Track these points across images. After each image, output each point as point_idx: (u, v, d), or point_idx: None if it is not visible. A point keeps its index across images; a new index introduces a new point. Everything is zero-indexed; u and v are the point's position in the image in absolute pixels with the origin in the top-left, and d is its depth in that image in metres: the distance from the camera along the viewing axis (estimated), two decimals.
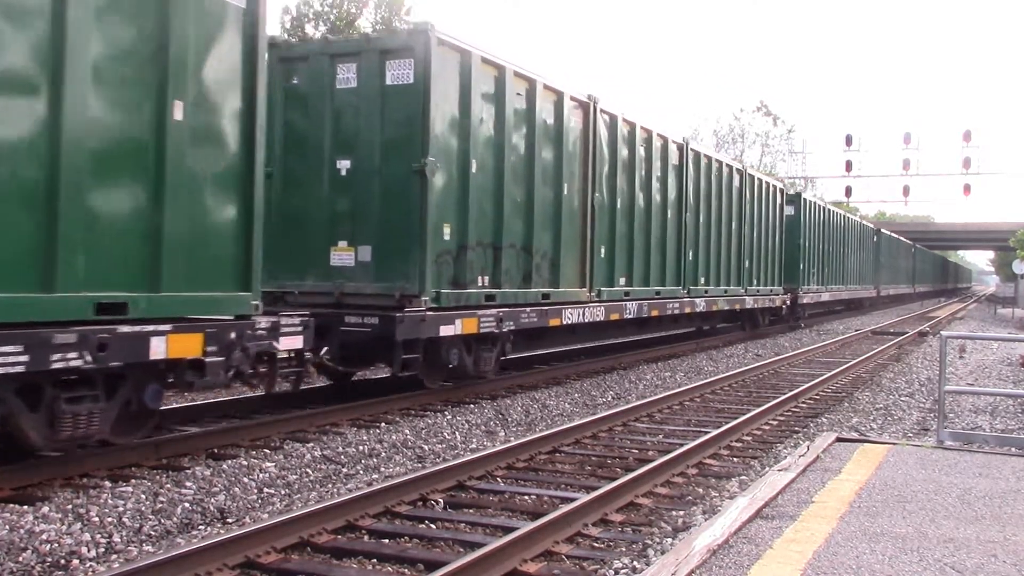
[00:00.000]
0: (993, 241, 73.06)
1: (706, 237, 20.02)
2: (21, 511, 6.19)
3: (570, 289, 13.90)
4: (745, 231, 22.95)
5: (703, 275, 19.85)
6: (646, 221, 16.65)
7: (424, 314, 10.36)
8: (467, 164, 11.32)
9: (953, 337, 10.90)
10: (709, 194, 20.26)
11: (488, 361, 11.99)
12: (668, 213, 17.72)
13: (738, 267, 22.41)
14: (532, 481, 7.92)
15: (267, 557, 5.58)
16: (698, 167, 19.49)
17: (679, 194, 18.45)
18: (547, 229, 13.33)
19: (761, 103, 67.99)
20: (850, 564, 4.99)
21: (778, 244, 26.29)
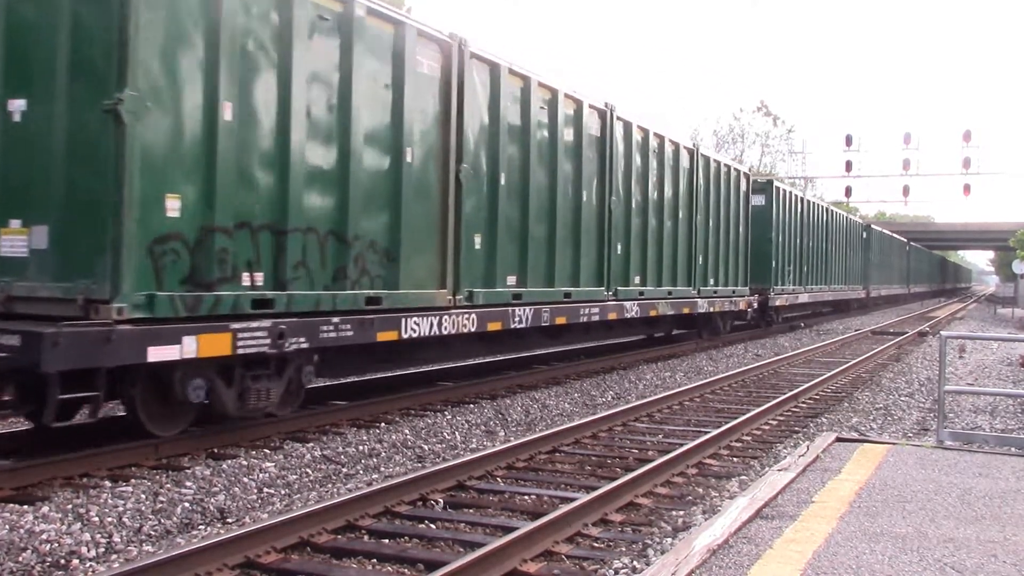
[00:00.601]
0: (993, 241, 73.07)
1: (642, 228, 16.48)
2: (21, 511, 6.19)
3: (421, 291, 10.54)
4: (698, 221, 19.11)
5: (637, 274, 16.30)
6: (549, 204, 13.21)
7: (112, 330, 6.93)
8: (215, 104, 7.84)
9: (953, 337, 10.90)
10: (646, 176, 16.65)
11: (266, 395, 8.66)
12: (585, 196, 14.14)
13: (688, 264, 18.82)
14: (532, 481, 7.92)
15: (267, 557, 5.58)
16: (629, 142, 15.82)
17: (602, 174, 14.89)
18: (384, 208, 9.96)
19: (761, 103, 68.14)
20: (850, 564, 4.99)
21: (743, 238, 22.67)
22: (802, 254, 29.35)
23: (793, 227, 27.90)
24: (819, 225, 32.30)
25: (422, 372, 13.66)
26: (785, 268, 26.97)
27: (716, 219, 20.43)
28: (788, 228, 27.26)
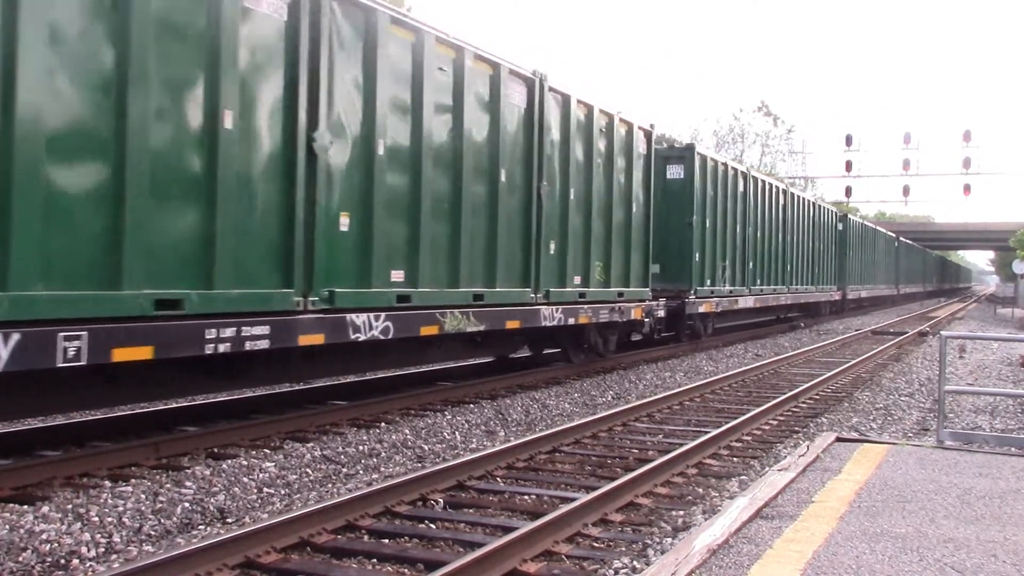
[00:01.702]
0: (993, 241, 73.12)
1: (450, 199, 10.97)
2: (21, 511, 6.19)
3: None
4: (543, 191, 12.81)
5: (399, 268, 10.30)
6: None
7: None
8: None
9: (953, 337, 10.90)
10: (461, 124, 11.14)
11: None
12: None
13: (527, 257, 12.70)
14: (532, 481, 7.92)
15: (267, 557, 5.58)
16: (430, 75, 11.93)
17: None
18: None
19: (761, 103, 68.12)
20: (850, 564, 4.99)
21: (640, 220, 16.39)
22: (746, 245, 23.23)
23: (732, 210, 22.16)
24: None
25: (422, 372, 13.66)
26: (716, 263, 21.13)
27: (587, 190, 14.49)
28: (722, 211, 21.45)
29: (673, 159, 19.92)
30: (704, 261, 20.18)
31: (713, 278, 20.81)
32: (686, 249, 19.45)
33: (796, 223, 29.94)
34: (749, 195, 23.31)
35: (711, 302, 20.67)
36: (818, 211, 32.73)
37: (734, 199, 22.17)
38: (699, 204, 19.90)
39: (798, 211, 29.45)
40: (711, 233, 20.60)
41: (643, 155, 16.88)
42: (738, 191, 22.56)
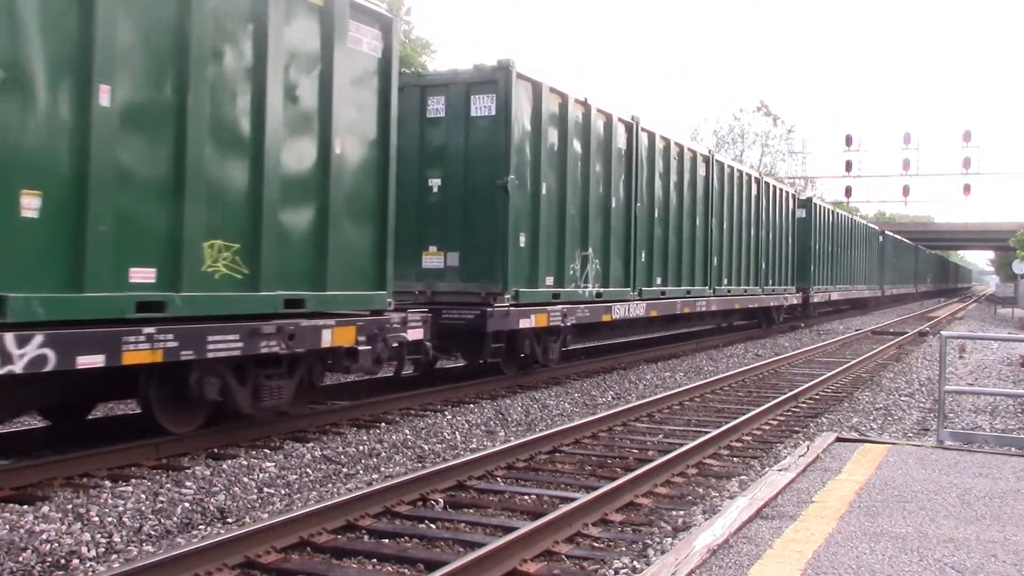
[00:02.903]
0: (993, 241, 73.08)
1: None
2: (21, 511, 6.19)
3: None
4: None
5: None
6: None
7: None
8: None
9: (953, 337, 10.91)
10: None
11: None
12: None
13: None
14: (532, 481, 7.92)
15: (267, 557, 5.58)
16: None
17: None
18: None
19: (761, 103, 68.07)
20: (850, 564, 4.99)
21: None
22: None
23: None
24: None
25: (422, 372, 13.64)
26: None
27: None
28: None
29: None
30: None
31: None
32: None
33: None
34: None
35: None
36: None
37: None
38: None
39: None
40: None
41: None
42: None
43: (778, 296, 26.13)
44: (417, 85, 12.99)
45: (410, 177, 12.52)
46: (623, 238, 15.94)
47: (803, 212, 30.46)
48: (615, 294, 15.62)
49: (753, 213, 23.74)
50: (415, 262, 12.89)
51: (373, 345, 9.39)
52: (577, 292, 14.36)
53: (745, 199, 23.02)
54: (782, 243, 26.68)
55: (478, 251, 12.65)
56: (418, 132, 12.89)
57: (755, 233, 23.95)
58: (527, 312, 12.71)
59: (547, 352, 13.97)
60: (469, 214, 12.74)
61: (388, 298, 9.87)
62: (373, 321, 9.45)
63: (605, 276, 15.29)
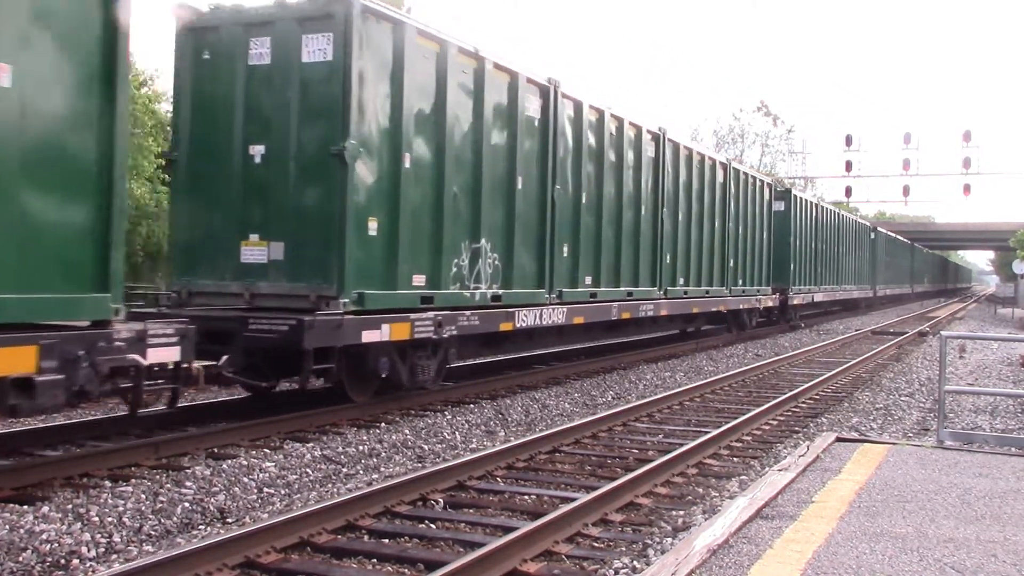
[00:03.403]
0: (993, 241, 73.09)
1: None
2: (21, 511, 6.20)
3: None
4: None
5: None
6: None
7: None
8: None
9: (953, 337, 10.92)
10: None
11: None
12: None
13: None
14: (532, 481, 7.92)
15: (267, 557, 5.58)
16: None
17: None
18: None
19: (761, 103, 68.04)
20: (850, 564, 4.99)
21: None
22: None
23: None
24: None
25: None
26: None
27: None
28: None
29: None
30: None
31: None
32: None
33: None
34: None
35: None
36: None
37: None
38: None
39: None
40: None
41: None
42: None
43: (749, 298, 23.02)
44: (238, 23, 10.04)
45: (226, 144, 9.96)
46: (535, 228, 12.95)
47: (781, 205, 27.23)
48: (522, 297, 12.55)
49: (718, 203, 20.56)
50: (233, 255, 9.97)
51: (69, 373, 6.29)
52: (462, 295, 11.27)
53: (708, 187, 19.75)
54: (755, 238, 23.54)
55: (308, 241, 9.67)
56: (238, 85, 9.96)
57: (721, 226, 20.78)
58: (377, 322, 9.68)
59: (416, 372, 10.74)
60: (299, 192, 9.72)
61: (114, 303, 6.70)
62: (74, 338, 6.39)
63: (507, 275, 12.27)
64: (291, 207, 9.75)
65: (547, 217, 13.20)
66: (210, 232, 10.04)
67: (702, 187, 19.50)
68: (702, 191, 19.51)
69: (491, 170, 11.83)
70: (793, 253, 27.32)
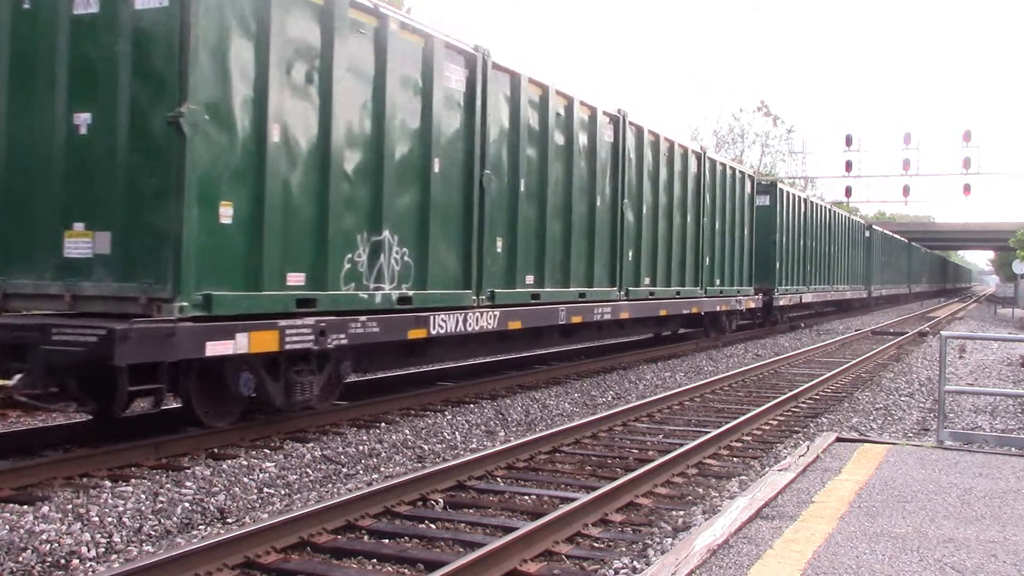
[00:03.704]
0: (993, 241, 73.09)
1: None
2: (21, 511, 6.20)
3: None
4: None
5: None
6: None
7: None
8: None
9: (953, 337, 10.90)
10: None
11: None
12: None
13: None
14: (532, 481, 7.92)
15: (267, 557, 5.58)
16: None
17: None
18: None
19: (761, 103, 68.06)
20: (850, 564, 4.99)
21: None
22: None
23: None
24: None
25: (422, 372, 13.65)
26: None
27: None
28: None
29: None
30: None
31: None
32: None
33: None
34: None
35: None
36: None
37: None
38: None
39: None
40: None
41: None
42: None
43: (728, 299, 21.18)
44: None
45: (48, 111, 8.17)
46: (458, 219, 11.13)
47: (766, 199, 25.39)
48: (440, 299, 10.71)
49: (691, 196, 18.64)
50: (55, 248, 8.09)
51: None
52: (357, 297, 9.39)
53: (679, 177, 17.90)
54: (735, 235, 21.65)
55: (140, 230, 7.80)
56: (60, 39, 8.14)
57: (694, 221, 18.87)
58: (228, 331, 7.83)
59: (294, 391, 8.95)
60: (129, 169, 7.84)
61: None
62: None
63: (421, 273, 10.42)
64: (120, 188, 7.83)
65: (475, 207, 11.31)
66: (29, 220, 8.17)
67: (671, 177, 17.60)
68: (671, 182, 17.61)
69: (398, 149, 9.96)
70: (779, 251, 25.70)
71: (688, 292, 18.54)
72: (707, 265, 19.76)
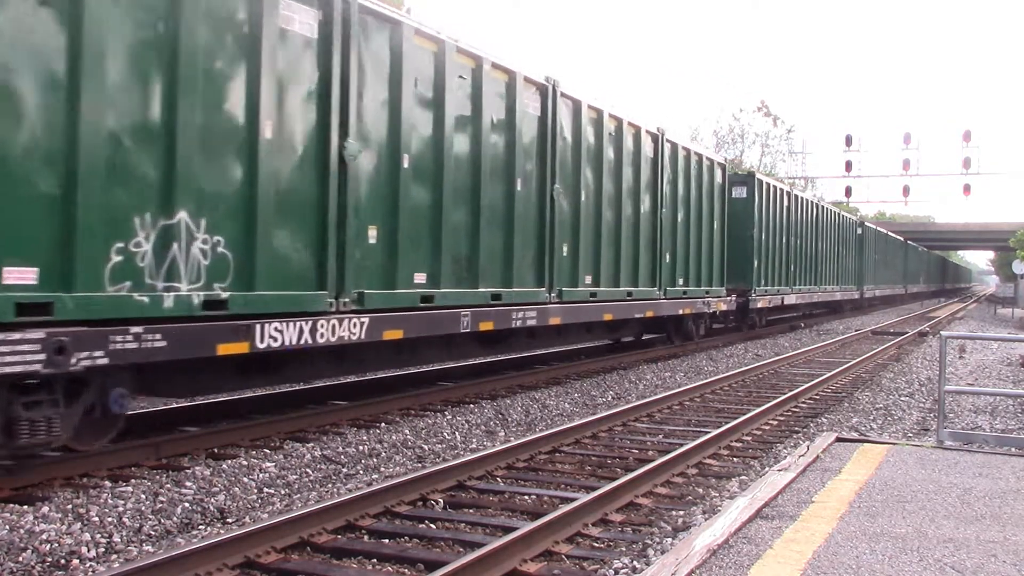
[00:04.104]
0: (993, 241, 73.09)
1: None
2: (21, 511, 6.20)
3: None
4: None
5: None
6: None
7: None
8: None
9: (953, 337, 10.90)
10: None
11: None
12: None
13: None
14: (532, 481, 7.92)
15: (267, 557, 5.58)
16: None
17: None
18: None
19: (761, 103, 68.05)
20: (850, 564, 4.99)
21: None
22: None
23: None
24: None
25: (422, 372, 13.65)
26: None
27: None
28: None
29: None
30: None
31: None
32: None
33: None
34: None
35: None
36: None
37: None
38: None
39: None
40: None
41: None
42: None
43: (694, 301, 18.96)
44: None
45: None
46: (305, 200, 8.77)
47: (742, 191, 23.22)
48: (272, 302, 8.34)
49: (646, 184, 16.44)
50: None
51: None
52: (130, 301, 7.03)
53: (630, 161, 15.76)
54: (703, 230, 19.49)
55: None
56: None
57: (651, 212, 16.74)
58: None
59: (20, 430, 6.45)
60: None
61: None
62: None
63: (245, 269, 8.10)
64: None
65: (331, 184, 8.94)
66: None
67: (619, 161, 15.32)
68: (619, 166, 15.32)
69: (200, 102, 7.56)
70: (757, 248, 23.38)
71: (642, 293, 16.27)
72: (667, 263, 17.42)
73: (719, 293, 20.46)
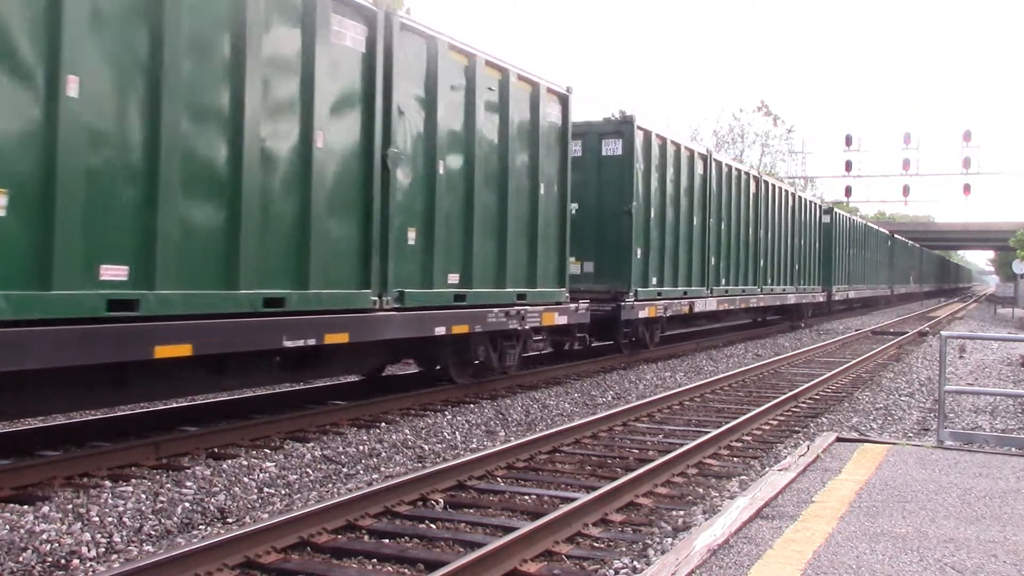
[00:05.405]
0: (993, 241, 73.11)
1: None
2: (21, 511, 6.19)
3: None
4: None
5: None
6: None
7: None
8: None
9: (953, 337, 10.90)
10: None
11: None
12: None
13: None
14: (532, 481, 7.92)
15: (267, 557, 5.58)
16: None
17: None
18: None
19: (761, 103, 68.05)
20: (850, 564, 4.99)
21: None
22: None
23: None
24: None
25: (422, 372, 13.63)
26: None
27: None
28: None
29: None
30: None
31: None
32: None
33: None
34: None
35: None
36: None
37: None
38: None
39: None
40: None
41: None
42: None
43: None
44: None
45: None
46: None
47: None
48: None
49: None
50: None
51: None
52: None
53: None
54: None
55: None
56: None
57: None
58: None
59: None
60: None
61: None
62: None
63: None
64: None
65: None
66: None
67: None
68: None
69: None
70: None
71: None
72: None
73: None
